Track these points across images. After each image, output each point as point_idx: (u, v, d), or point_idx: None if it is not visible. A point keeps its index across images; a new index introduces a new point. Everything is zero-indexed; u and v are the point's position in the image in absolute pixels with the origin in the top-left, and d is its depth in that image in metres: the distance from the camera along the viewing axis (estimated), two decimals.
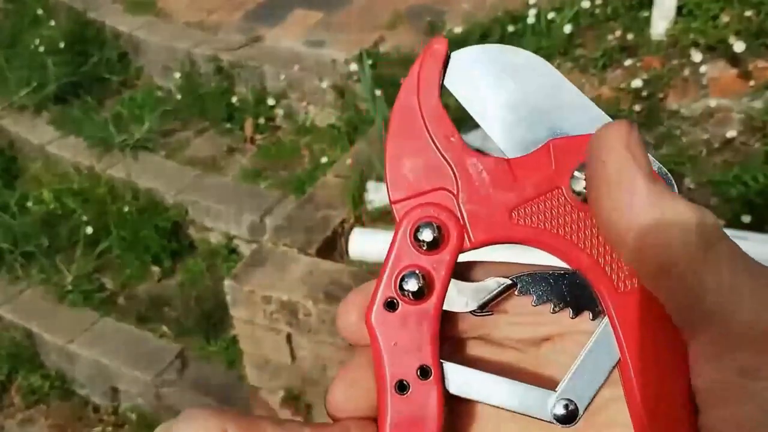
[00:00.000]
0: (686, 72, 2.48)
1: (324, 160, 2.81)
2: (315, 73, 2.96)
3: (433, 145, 0.30)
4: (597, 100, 2.38)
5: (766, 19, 2.46)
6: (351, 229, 2.05)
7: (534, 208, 0.29)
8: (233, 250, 2.79)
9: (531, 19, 2.74)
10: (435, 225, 0.29)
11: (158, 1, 3.71)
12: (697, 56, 2.45)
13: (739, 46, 2.39)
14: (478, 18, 2.91)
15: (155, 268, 2.81)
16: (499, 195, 0.30)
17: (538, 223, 0.29)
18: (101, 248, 2.85)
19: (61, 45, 3.52)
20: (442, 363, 0.29)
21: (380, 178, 2.09)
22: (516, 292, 0.30)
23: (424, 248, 0.29)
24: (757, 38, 2.45)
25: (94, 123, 3.17)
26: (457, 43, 2.81)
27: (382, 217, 2.08)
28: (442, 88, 0.31)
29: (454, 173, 0.30)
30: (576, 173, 0.29)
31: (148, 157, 3.08)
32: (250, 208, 2.71)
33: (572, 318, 0.29)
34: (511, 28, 2.74)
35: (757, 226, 1.93)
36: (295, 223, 2.08)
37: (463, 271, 0.31)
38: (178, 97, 3.29)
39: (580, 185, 0.29)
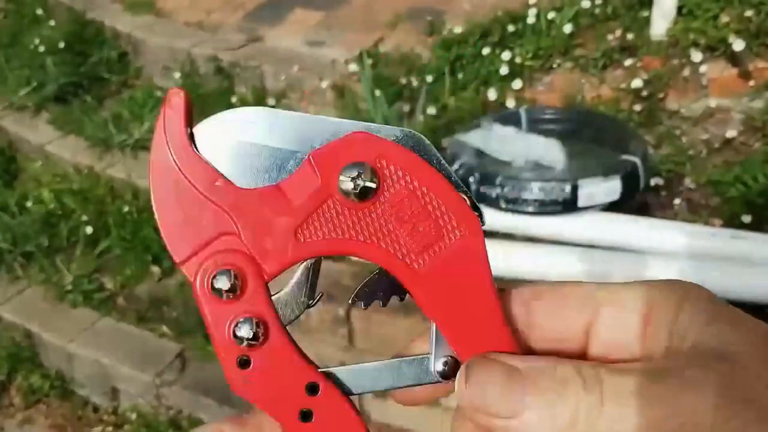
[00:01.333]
0: (686, 72, 2.48)
1: None
2: (315, 73, 2.97)
3: (199, 194, 0.30)
4: (597, 100, 2.38)
5: (766, 19, 2.46)
6: None
7: (315, 222, 0.30)
8: None
9: (531, 19, 2.74)
10: (229, 271, 0.30)
11: (158, 1, 3.71)
12: (697, 56, 2.45)
13: (739, 46, 2.39)
14: (478, 18, 2.91)
15: (155, 268, 2.81)
16: (279, 221, 0.30)
17: (324, 234, 0.30)
18: (101, 248, 2.85)
19: (61, 45, 3.52)
20: (329, 372, 0.31)
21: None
22: (350, 301, 0.32)
23: (227, 297, 0.30)
24: (757, 38, 2.45)
25: (94, 123, 3.17)
26: (458, 42, 2.80)
27: None
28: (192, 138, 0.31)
29: (229, 215, 0.30)
30: (341, 177, 0.29)
31: (148, 157, 3.08)
32: None
33: (382, 307, 0.32)
34: (511, 28, 2.74)
35: (757, 226, 1.94)
36: None
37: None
38: None
39: (347, 187, 0.29)
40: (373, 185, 0.29)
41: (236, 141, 0.31)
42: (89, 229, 2.85)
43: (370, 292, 0.31)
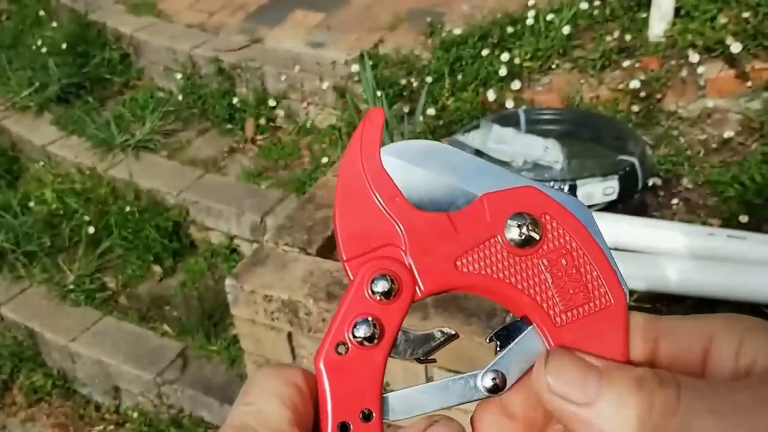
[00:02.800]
0: (684, 73, 2.50)
1: (324, 160, 2.82)
2: (315, 73, 2.98)
3: (379, 204, 0.32)
4: (595, 101, 2.39)
5: (763, 21, 2.48)
6: None
7: (475, 256, 0.32)
8: (234, 250, 2.80)
9: (530, 21, 2.75)
10: (389, 277, 0.31)
11: (159, 2, 3.73)
12: (694, 57, 2.47)
13: (736, 48, 2.41)
14: (478, 19, 2.93)
15: (157, 268, 2.82)
16: (443, 246, 0.32)
17: (480, 269, 0.32)
18: (103, 248, 2.86)
19: (63, 46, 3.54)
20: (384, 398, 0.31)
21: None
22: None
23: (378, 299, 0.31)
24: (754, 39, 2.47)
25: (96, 123, 3.19)
26: (458, 44, 2.81)
27: None
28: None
29: (400, 229, 0.32)
30: (509, 221, 0.31)
31: (150, 157, 3.09)
32: (251, 208, 2.72)
33: (498, 351, 0.33)
34: (510, 30, 2.76)
35: (755, 226, 1.94)
36: (295, 222, 2.10)
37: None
38: (180, 97, 3.31)
39: (513, 233, 0.31)
40: (537, 236, 0.31)
41: (419, 167, 0.33)
42: (91, 229, 2.86)
43: (507, 336, 0.33)
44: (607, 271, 0.32)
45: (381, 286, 0.31)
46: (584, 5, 2.76)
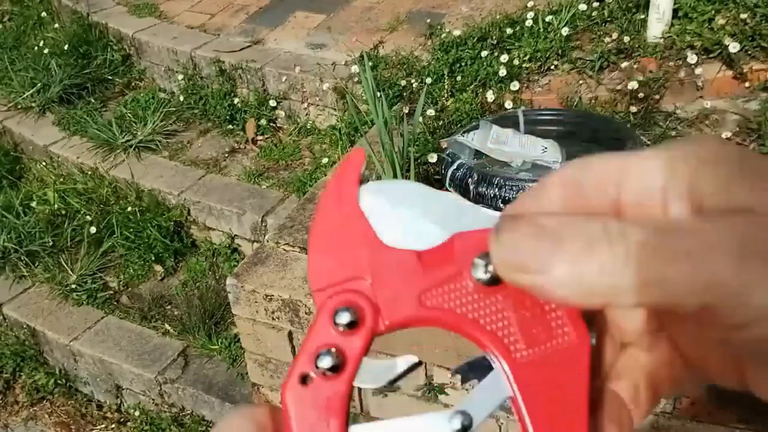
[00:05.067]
0: (682, 74, 2.51)
1: (325, 160, 2.84)
2: (316, 74, 2.99)
3: (350, 240, 0.34)
4: (594, 102, 2.40)
5: (761, 22, 2.49)
6: None
7: (440, 291, 0.33)
8: (235, 250, 2.82)
9: (529, 22, 2.77)
10: (352, 309, 0.32)
11: (161, 3, 3.75)
12: (692, 58, 2.48)
13: (734, 48, 2.42)
14: (477, 21, 2.94)
15: (158, 267, 2.84)
16: (409, 281, 0.33)
17: (443, 303, 0.33)
18: (105, 248, 2.88)
19: (65, 47, 3.56)
20: (350, 430, 0.32)
21: (380, 179, 2.12)
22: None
23: (342, 330, 0.32)
24: (752, 40, 2.48)
25: (98, 124, 3.20)
26: (457, 45, 2.82)
27: None
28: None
29: (369, 264, 0.33)
30: (476, 260, 0.32)
31: (151, 157, 3.11)
32: (252, 208, 2.74)
33: (461, 386, 0.34)
34: (509, 31, 2.77)
35: None
36: (296, 222, 2.11)
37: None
38: (181, 98, 3.33)
39: (479, 271, 0.32)
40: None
41: (397, 207, 0.35)
42: (93, 229, 2.88)
43: (469, 371, 0.34)
44: (571, 311, 0.32)
45: (344, 318, 0.32)
46: (583, 7, 2.77)
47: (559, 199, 0.31)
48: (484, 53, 2.70)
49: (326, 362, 0.32)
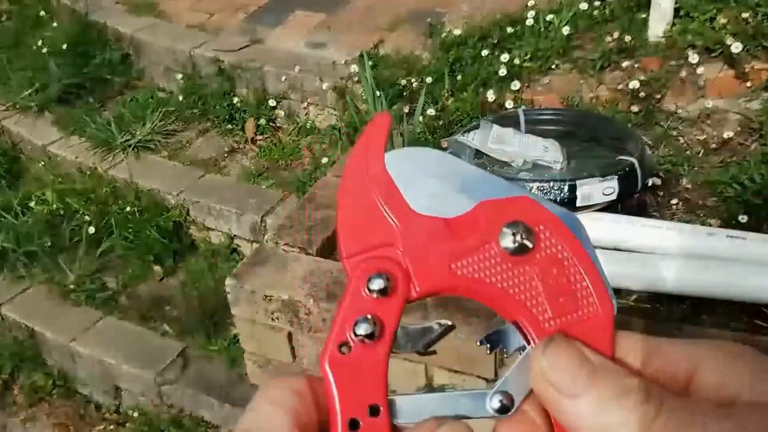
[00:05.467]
0: (683, 73, 2.50)
1: (324, 160, 2.83)
2: (316, 74, 2.99)
3: (379, 205, 0.33)
4: (595, 101, 2.39)
5: (762, 21, 2.48)
6: None
7: (469, 260, 0.33)
8: (234, 250, 2.81)
9: (529, 21, 2.76)
10: (385, 275, 0.32)
11: (160, 3, 3.74)
12: (694, 58, 2.47)
13: (735, 48, 2.41)
14: (477, 20, 2.93)
15: (157, 268, 2.83)
16: (439, 249, 0.33)
17: (473, 273, 0.32)
18: (103, 248, 2.87)
19: (64, 46, 3.54)
20: (391, 399, 0.32)
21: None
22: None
23: (375, 296, 0.32)
24: (753, 40, 2.47)
25: (97, 124, 3.19)
26: (457, 44, 2.81)
27: None
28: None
29: (398, 230, 0.33)
30: (504, 229, 0.32)
31: (150, 157, 3.10)
32: (252, 208, 2.73)
33: (488, 354, 0.33)
34: (509, 30, 2.76)
35: (754, 226, 1.95)
36: (296, 222, 2.10)
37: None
38: (180, 98, 3.31)
39: (507, 240, 0.32)
40: (530, 245, 0.32)
41: (422, 173, 0.34)
42: (92, 229, 2.87)
43: (497, 339, 0.34)
44: (597, 282, 0.32)
45: (377, 284, 0.32)
46: (584, 6, 2.77)
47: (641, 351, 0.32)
48: (484, 52, 2.69)
49: (364, 329, 0.31)
